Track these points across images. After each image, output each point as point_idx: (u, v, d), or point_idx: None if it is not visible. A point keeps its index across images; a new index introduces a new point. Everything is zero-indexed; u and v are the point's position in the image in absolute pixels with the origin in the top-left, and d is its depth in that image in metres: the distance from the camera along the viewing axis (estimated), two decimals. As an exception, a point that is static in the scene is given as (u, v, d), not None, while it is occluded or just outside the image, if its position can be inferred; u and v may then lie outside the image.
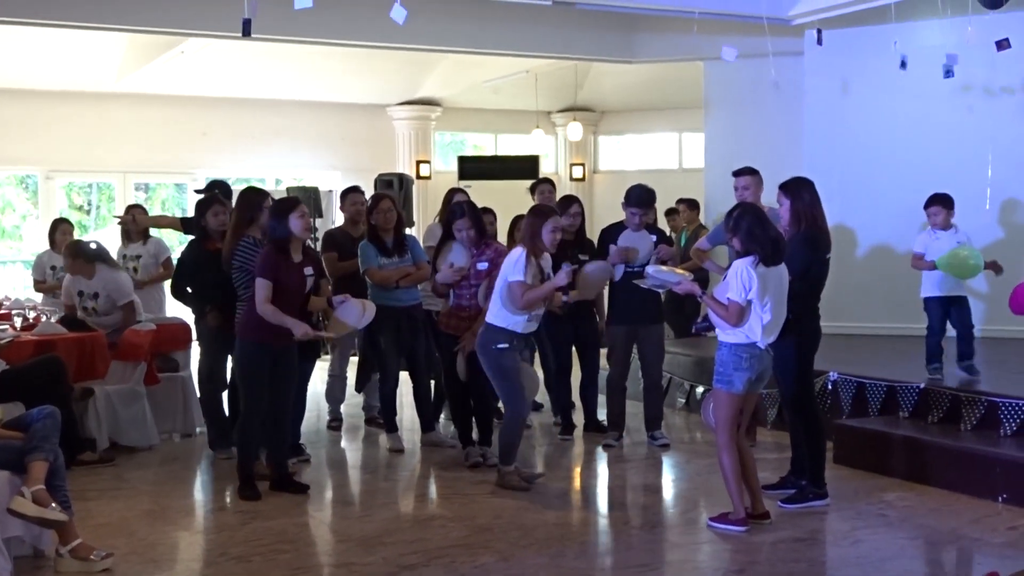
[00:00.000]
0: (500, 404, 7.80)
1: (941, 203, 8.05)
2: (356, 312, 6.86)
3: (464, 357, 7.23)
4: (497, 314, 6.69)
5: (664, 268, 6.57)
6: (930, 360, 7.84)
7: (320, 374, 8.98)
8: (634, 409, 8.28)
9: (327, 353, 9.57)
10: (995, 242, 10.22)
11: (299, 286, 6.62)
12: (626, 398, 8.13)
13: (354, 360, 8.99)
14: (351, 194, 8.80)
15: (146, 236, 9.48)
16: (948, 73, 9.34)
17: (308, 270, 6.70)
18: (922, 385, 7.45)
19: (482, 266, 7.28)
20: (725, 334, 5.79)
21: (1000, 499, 6.29)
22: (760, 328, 5.70)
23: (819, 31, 9.73)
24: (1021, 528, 5.46)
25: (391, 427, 7.96)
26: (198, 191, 9.55)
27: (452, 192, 8.56)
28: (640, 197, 7.76)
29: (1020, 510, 6.10)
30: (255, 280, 6.47)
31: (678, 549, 5.70)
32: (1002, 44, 9.11)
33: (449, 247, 7.34)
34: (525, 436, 8.15)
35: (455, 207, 7.46)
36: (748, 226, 5.74)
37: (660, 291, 7.04)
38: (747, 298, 5.66)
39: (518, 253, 6.63)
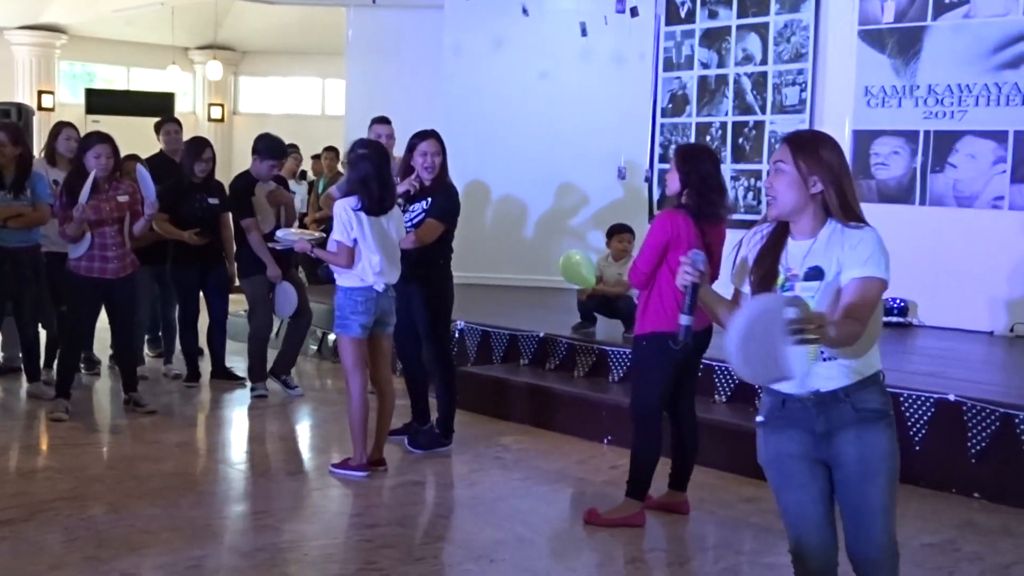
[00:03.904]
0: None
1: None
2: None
3: None
4: None
5: (291, 231, 6.55)
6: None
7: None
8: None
9: None
10: (617, 201, 10.87)
11: None
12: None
13: None
14: None
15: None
16: (584, 32, 9.92)
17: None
18: (541, 334, 7.81)
19: (123, 198, 6.95)
20: (341, 278, 5.79)
21: (606, 441, 6.72)
22: (371, 270, 5.72)
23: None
24: (620, 467, 5.85)
25: None
26: None
27: (59, 126, 8.02)
28: (273, 148, 7.68)
29: (622, 451, 6.50)
30: None
31: (302, 496, 5.68)
32: (634, 12, 9.80)
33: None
34: (147, 383, 7.86)
35: (90, 134, 7.01)
36: (365, 173, 5.72)
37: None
38: (352, 238, 5.67)
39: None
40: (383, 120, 7.59)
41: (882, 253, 3.05)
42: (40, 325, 7.69)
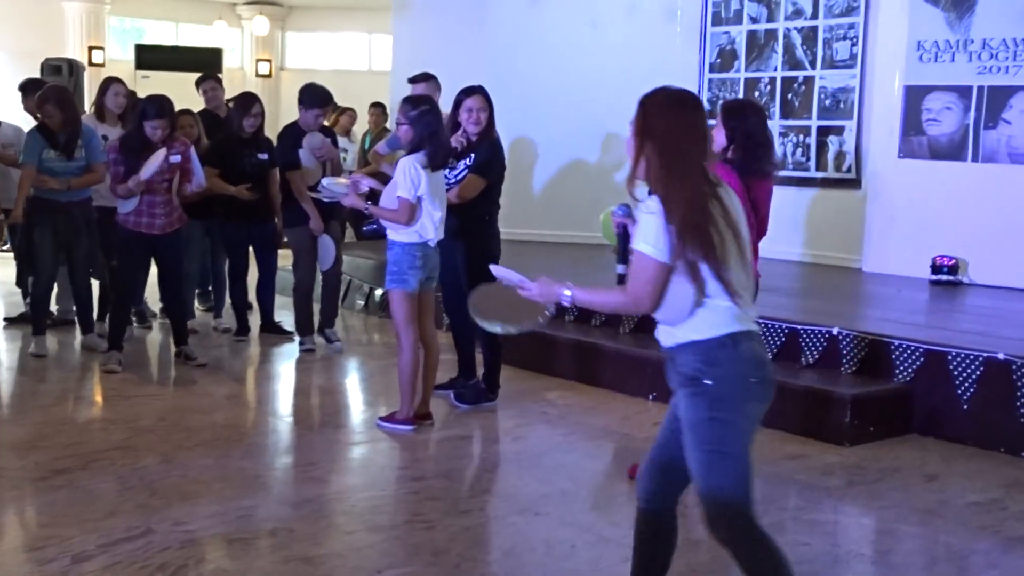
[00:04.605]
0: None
1: None
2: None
3: None
4: None
5: (337, 180, 6.56)
6: None
7: None
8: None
9: None
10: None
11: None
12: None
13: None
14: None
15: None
16: None
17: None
18: (587, 290, 7.79)
19: (175, 159, 7.02)
20: (397, 234, 5.80)
21: (651, 397, 6.73)
22: (432, 225, 5.75)
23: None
24: (666, 423, 5.86)
25: (38, 329, 7.50)
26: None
27: (108, 82, 8.10)
28: (316, 95, 7.66)
29: (666, 407, 6.53)
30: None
31: (349, 448, 5.77)
32: None
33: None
34: (197, 336, 7.96)
35: (149, 104, 7.02)
36: (434, 128, 5.75)
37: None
38: (417, 195, 5.69)
39: None
40: (419, 79, 7.59)
41: (648, 226, 3.01)
42: (92, 278, 7.81)
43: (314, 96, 7.65)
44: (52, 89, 7.73)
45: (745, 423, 3.09)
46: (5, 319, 8.58)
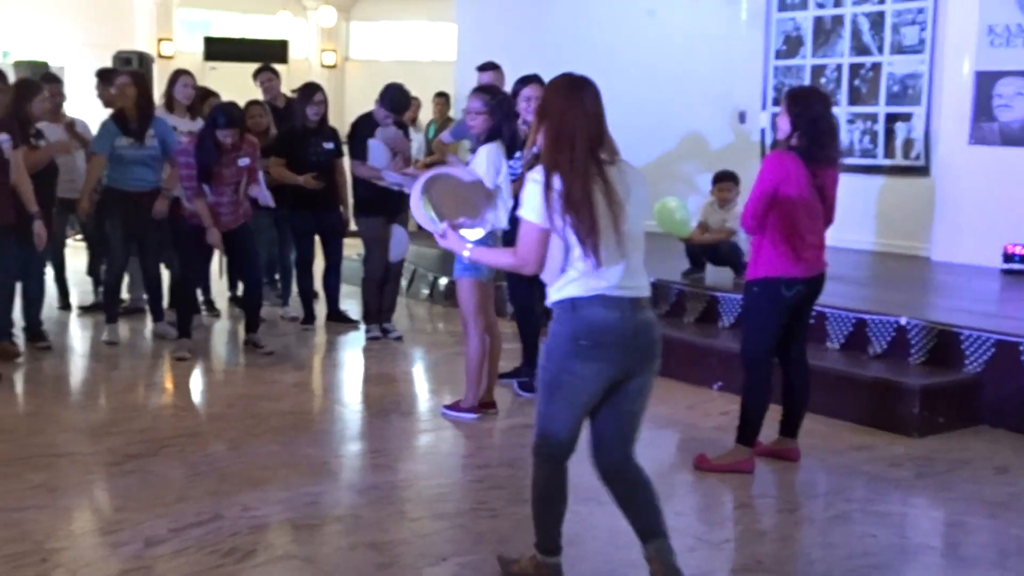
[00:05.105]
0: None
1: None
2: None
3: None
4: None
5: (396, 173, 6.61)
6: None
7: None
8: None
9: None
10: (728, 145, 10.72)
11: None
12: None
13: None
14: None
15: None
16: None
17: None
18: (652, 280, 7.74)
19: (244, 162, 7.15)
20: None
21: (716, 386, 6.70)
22: (506, 213, 5.75)
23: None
24: (730, 413, 5.84)
25: (111, 318, 7.64)
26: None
27: (176, 74, 8.19)
28: (395, 102, 7.64)
29: (732, 396, 6.47)
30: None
31: (412, 436, 5.81)
32: None
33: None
34: (264, 325, 8.05)
35: (219, 113, 7.10)
36: (508, 114, 5.84)
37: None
38: (497, 182, 5.69)
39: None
40: (486, 67, 7.59)
41: (532, 194, 3.35)
42: (164, 266, 7.94)
43: (392, 101, 7.59)
44: (131, 72, 7.88)
45: (570, 378, 3.44)
46: (79, 308, 8.77)
